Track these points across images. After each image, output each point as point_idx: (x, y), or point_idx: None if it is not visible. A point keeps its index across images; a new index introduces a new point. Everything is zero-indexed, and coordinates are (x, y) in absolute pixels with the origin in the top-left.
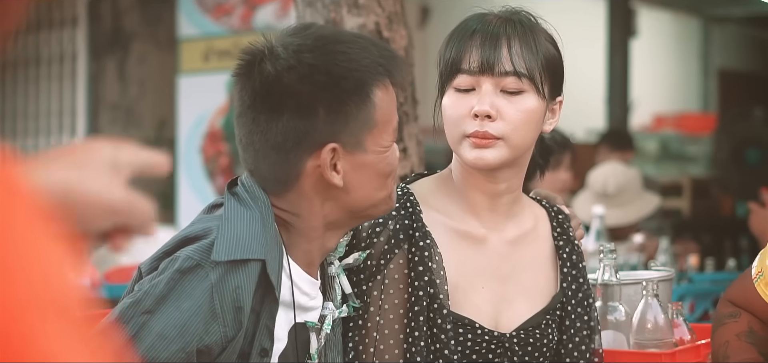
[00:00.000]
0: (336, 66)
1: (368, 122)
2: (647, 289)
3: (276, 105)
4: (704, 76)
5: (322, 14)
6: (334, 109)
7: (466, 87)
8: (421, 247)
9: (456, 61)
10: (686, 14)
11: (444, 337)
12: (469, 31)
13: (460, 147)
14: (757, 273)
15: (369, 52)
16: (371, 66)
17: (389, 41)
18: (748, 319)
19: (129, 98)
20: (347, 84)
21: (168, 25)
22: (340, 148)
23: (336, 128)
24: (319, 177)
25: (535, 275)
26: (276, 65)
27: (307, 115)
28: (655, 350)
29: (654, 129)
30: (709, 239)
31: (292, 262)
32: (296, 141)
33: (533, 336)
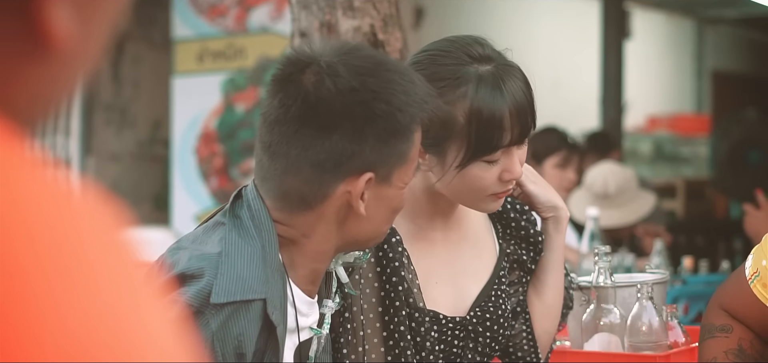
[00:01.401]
0: (394, 97)
1: (403, 158)
2: (642, 291)
3: (328, 123)
4: (698, 77)
5: (318, 16)
6: (383, 139)
7: (497, 158)
8: (392, 243)
9: (497, 139)
10: (680, 15)
11: (423, 330)
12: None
13: (481, 203)
14: (752, 274)
15: (417, 87)
16: (420, 104)
17: (384, 44)
18: (738, 335)
19: (123, 99)
20: (402, 118)
21: (162, 26)
22: (374, 178)
23: (377, 159)
24: (345, 203)
25: (478, 254)
26: (337, 83)
27: (358, 140)
28: (649, 353)
29: (648, 130)
30: (703, 241)
31: (294, 287)
32: (338, 163)
33: (488, 310)
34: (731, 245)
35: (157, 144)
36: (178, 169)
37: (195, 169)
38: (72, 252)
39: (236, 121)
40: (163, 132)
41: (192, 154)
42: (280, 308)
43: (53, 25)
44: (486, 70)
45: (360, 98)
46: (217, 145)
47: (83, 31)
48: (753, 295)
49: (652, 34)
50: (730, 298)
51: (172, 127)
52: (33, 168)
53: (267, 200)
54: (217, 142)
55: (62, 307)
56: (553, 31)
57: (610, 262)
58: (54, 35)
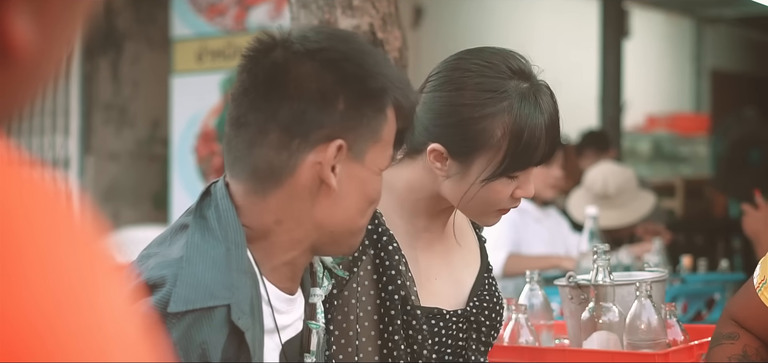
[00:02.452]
0: (366, 63)
1: (376, 134)
2: (640, 290)
3: (296, 83)
4: (697, 76)
5: (317, 15)
6: (354, 105)
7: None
8: (389, 251)
9: (528, 162)
10: (679, 15)
11: (420, 338)
12: (535, 131)
13: (485, 217)
14: (760, 282)
15: (392, 68)
16: (394, 80)
17: (383, 43)
18: (744, 342)
19: (122, 98)
20: (374, 84)
21: (161, 25)
22: (345, 149)
23: (349, 126)
24: (315, 176)
25: (466, 245)
26: (306, 45)
27: (327, 102)
28: (648, 351)
29: (647, 129)
30: (702, 240)
31: (269, 285)
32: (306, 127)
33: (484, 299)
34: (730, 244)
35: (156, 143)
36: (177, 168)
37: (194, 168)
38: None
39: None
40: (162, 131)
41: (191, 153)
42: (250, 312)
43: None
44: (526, 88)
45: (329, 57)
46: (217, 144)
47: (43, 38)
48: (760, 302)
49: (651, 34)
50: (738, 307)
51: (171, 126)
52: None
53: (239, 186)
54: (216, 141)
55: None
56: (552, 30)
57: (608, 260)
58: (14, 43)
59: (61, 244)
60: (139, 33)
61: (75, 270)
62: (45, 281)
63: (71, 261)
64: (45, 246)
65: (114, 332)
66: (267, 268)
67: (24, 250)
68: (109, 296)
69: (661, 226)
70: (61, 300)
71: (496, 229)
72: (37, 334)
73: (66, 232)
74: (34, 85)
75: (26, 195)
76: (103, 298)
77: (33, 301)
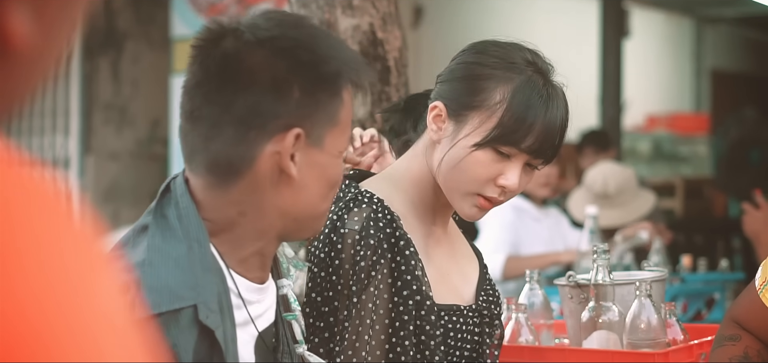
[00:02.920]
0: (319, 48)
1: (333, 118)
2: (640, 289)
3: (248, 74)
4: (697, 76)
5: (317, 15)
6: (309, 92)
7: (506, 154)
8: (406, 255)
9: (519, 138)
10: (679, 15)
11: (433, 343)
12: (535, 108)
13: (462, 199)
14: (761, 283)
15: (346, 49)
16: (349, 62)
17: (384, 42)
18: (745, 343)
19: (122, 98)
20: (327, 69)
21: (161, 24)
22: (303, 137)
23: (305, 114)
24: (275, 166)
25: (463, 241)
26: (257, 34)
27: (281, 92)
28: (648, 350)
29: (647, 129)
30: (702, 239)
31: (238, 277)
32: (262, 118)
33: (489, 292)
34: (730, 244)
35: (156, 143)
36: (177, 167)
37: None
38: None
39: None
40: (162, 131)
41: None
42: (219, 309)
43: (12, 27)
44: (539, 79)
45: (281, 46)
46: None
47: (42, 34)
48: (762, 304)
49: (651, 33)
50: (740, 309)
51: (172, 126)
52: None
53: (198, 180)
54: None
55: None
56: (552, 29)
57: (608, 260)
58: (13, 38)
59: (60, 244)
60: (139, 33)
61: (74, 269)
62: (44, 281)
63: (70, 260)
64: (44, 246)
65: (112, 331)
66: (234, 260)
67: (23, 249)
68: (107, 295)
69: (661, 226)
70: (59, 299)
71: (493, 232)
72: (37, 334)
73: (65, 232)
74: (32, 80)
75: (26, 195)
76: (102, 298)
77: (32, 301)
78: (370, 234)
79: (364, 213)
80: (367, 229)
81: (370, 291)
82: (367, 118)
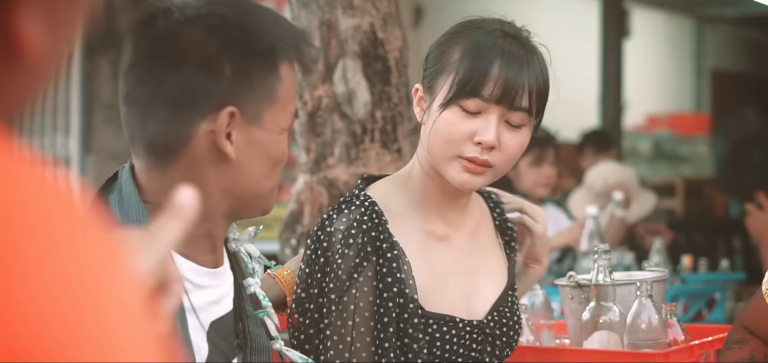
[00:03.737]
0: (250, 24)
1: (271, 94)
2: (641, 289)
3: (178, 54)
4: (697, 76)
5: (317, 15)
6: (241, 69)
7: (474, 110)
8: (389, 258)
9: (476, 83)
10: (679, 14)
11: (416, 346)
12: (490, 51)
13: (449, 165)
14: (767, 289)
15: (283, 24)
16: (285, 37)
17: (384, 42)
18: (752, 347)
19: None
20: (260, 45)
21: None
22: (238, 116)
23: (238, 91)
24: (211, 145)
25: (493, 259)
26: (185, 13)
27: (212, 70)
28: (649, 351)
29: (647, 129)
30: (702, 239)
31: (185, 260)
32: (194, 98)
33: (505, 315)
34: (730, 244)
35: None
36: None
37: None
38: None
39: None
40: None
41: None
42: None
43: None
44: (499, 33)
45: (210, 24)
46: None
47: (51, 38)
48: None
49: (651, 33)
50: (748, 315)
51: None
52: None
53: (140, 162)
54: None
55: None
56: (553, 29)
57: (609, 260)
58: (25, 45)
59: (71, 242)
60: None
61: (83, 268)
62: (53, 279)
63: (79, 260)
64: (54, 243)
65: (120, 330)
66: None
67: (33, 247)
68: (117, 294)
69: (662, 226)
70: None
71: None
72: (44, 333)
73: (77, 231)
74: (41, 82)
75: (38, 194)
76: (112, 297)
77: (41, 299)
78: (353, 235)
79: (352, 214)
80: (351, 230)
81: (352, 293)
82: (368, 118)
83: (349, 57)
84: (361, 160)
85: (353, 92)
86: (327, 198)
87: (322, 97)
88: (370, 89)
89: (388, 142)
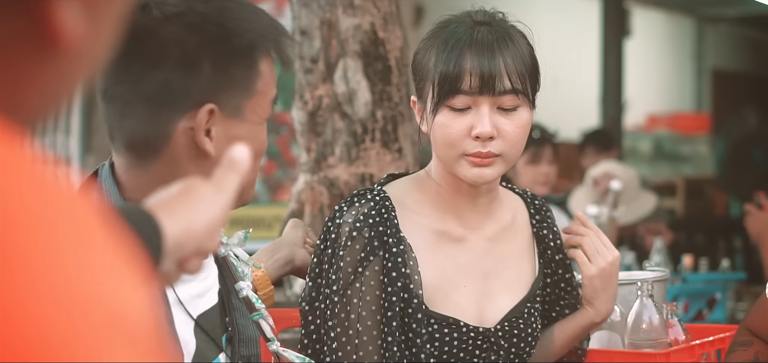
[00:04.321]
0: (229, 21)
1: (249, 89)
2: (642, 289)
3: (157, 52)
4: (698, 76)
5: (318, 14)
6: (221, 67)
7: (463, 107)
8: (394, 253)
9: (454, 80)
10: (680, 14)
11: (419, 341)
12: (458, 45)
13: (457, 165)
14: None
15: (262, 18)
16: (263, 32)
17: (385, 42)
18: (756, 349)
19: None
20: (239, 42)
21: None
22: (218, 112)
23: (217, 88)
24: (191, 142)
25: (516, 267)
26: (163, 10)
27: (191, 67)
28: (649, 350)
29: (648, 129)
30: (703, 239)
31: None
32: (173, 96)
33: (517, 327)
34: (731, 243)
35: None
36: None
37: None
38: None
39: None
40: None
41: None
42: None
43: (63, 24)
44: (467, 23)
45: (188, 21)
46: None
47: (91, 29)
48: None
49: (652, 33)
50: (753, 318)
51: None
52: (29, 165)
53: (120, 159)
54: None
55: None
56: (553, 29)
57: None
58: (63, 34)
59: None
60: None
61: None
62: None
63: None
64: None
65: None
66: None
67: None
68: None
69: (663, 226)
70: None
71: None
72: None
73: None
74: (79, 75)
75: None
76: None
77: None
78: (359, 228)
79: (362, 208)
80: (357, 224)
81: (357, 286)
82: (369, 117)
83: (349, 56)
84: (362, 160)
85: (354, 92)
86: (327, 197)
87: (323, 96)
88: (371, 89)
89: (389, 141)
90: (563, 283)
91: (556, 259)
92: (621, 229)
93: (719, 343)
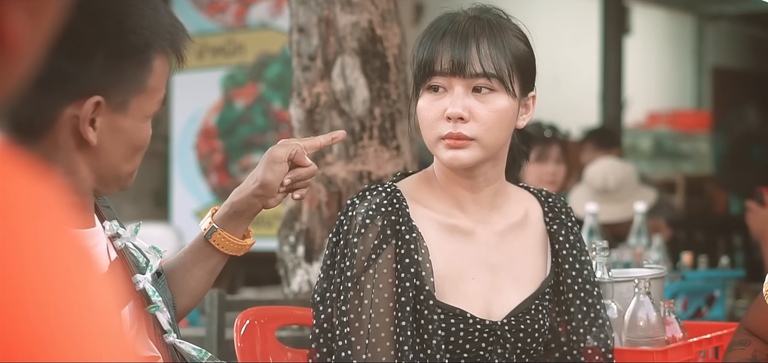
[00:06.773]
0: (128, 18)
1: (140, 86)
2: (639, 286)
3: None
4: (698, 73)
5: (316, 12)
6: (113, 61)
7: (438, 86)
8: (407, 240)
9: (428, 62)
10: (680, 11)
11: (431, 328)
12: (439, 32)
13: (436, 148)
14: (767, 290)
15: (161, 16)
16: (161, 31)
17: (383, 39)
18: (754, 348)
19: None
20: (135, 40)
21: None
22: (104, 104)
23: (108, 81)
24: (74, 129)
25: (526, 263)
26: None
27: (84, 57)
28: (647, 348)
29: (648, 126)
30: (703, 237)
31: None
32: (62, 82)
33: (524, 322)
34: (731, 241)
35: (156, 140)
36: (177, 165)
37: (194, 165)
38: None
39: (236, 117)
40: (162, 128)
41: (191, 150)
42: None
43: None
44: (451, 16)
45: (89, 12)
46: (217, 141)
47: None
48: None
49: (652, 30)
50: (750, 316)
51: (172, 123)
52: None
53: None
54: (216, 138)
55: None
56: (553, 27)
57: (607, 257)
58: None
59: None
60: None
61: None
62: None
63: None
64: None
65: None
66: None
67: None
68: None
69: (662, 222)
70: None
71: None
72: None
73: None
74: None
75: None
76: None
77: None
78: (371, 217)
79: (375, 199)
80: (370, 213)
81: (370, 273)
82: (367, 115)
83: (347, 54)
84: (360, 158)
85: (352, 89)
86: (325, 195)
87: (321, 93)
88: (369, 86)
89: (387, 139)
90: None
91: (572, 255)
92: (619, 224)
93: (717, 340)
